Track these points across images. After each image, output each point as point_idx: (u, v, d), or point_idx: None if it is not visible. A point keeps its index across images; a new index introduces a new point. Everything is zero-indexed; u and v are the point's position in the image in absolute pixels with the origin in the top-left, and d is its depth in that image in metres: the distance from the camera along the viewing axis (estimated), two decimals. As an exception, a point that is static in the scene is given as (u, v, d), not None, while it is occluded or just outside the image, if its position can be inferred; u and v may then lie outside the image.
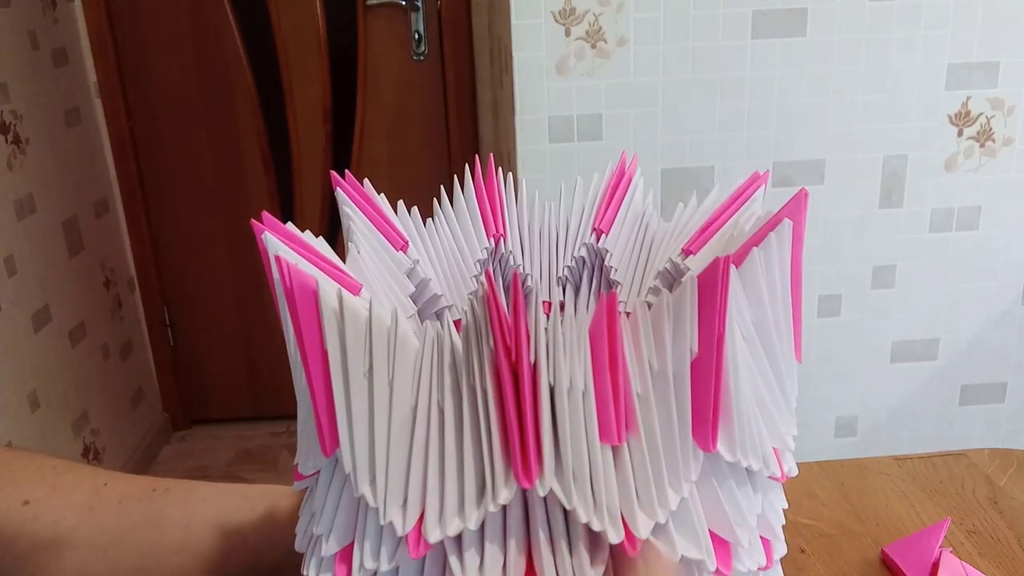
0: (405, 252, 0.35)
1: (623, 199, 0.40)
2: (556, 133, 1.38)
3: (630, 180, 0.41)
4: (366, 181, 0.36)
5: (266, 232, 0.27)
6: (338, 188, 0.35)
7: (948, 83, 1.40)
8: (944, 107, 1.41)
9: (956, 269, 1.51)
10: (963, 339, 1.56)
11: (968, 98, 1.41)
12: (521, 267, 0.40)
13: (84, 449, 1.93)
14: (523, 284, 0.38)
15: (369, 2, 2.04)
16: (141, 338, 2.29)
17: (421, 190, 2.21)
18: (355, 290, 0.28)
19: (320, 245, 0.29)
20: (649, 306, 0.25)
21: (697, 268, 0.31)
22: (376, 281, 0.32)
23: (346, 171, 0.36)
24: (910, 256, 1.50)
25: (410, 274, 0.35)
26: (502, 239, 0.39)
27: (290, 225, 0.28)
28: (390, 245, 0.34)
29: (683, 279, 0.30)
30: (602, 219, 0.39)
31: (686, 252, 0.33)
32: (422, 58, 2.09)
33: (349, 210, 0.34)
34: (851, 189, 1.45)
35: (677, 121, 1.39)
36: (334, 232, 2.29)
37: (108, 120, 2.09)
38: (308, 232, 0.29)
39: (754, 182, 0.35)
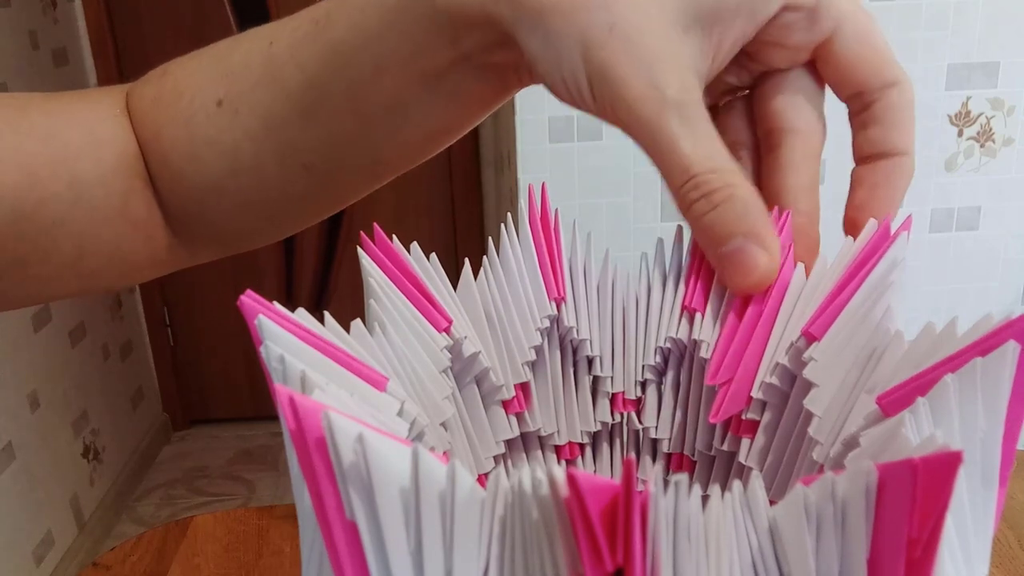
0: (449, 333, 0.30)
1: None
2: (556, 133, 1.38)
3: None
4: (395, 239, 0.31)
5: (261, 317, 0.21)
6: (364, 253, 0.30)
7: (948, 83, 1.40)
8: (944, 107, 1.41)
9: (956, 269, 1.51)
10: (963, 339, 1.56)
11: (968, 98, 1.41)
12: (589, 345, 0.32)
13: (84, 449, 1.93)
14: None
15: (369, 2, 2.04)
16: (141, 338, 2.29)
17: (420, 190, 2.21)
18: (380, 385, 0.24)
19: (327, 332, 0.24)
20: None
21: (823, 360, 0.26)
22: (403, 362, 0.28)
23: (375, 226, 0.31)
24: (910, 256, 1.49)
25: (450, 348, 0.30)
26: (563, 303, 0.32)
27: (281, 308, 0.23)
28: (429, 324, 0.29)
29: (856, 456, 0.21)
30: (693, 292, 0.31)
31: (807, 336, 0.27)
32: (422, 58, 2.09)
33: (375, 283, 0.29)
34: (851, 189, 1.45)
35: (677, 121, 1.39)
36: (334, 238, 2.29)
37: (108, 120, 2.09)
38: (303, 312, 0.24)
39: (886, 233, 0.28)
